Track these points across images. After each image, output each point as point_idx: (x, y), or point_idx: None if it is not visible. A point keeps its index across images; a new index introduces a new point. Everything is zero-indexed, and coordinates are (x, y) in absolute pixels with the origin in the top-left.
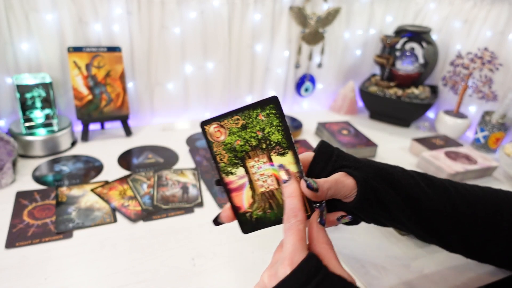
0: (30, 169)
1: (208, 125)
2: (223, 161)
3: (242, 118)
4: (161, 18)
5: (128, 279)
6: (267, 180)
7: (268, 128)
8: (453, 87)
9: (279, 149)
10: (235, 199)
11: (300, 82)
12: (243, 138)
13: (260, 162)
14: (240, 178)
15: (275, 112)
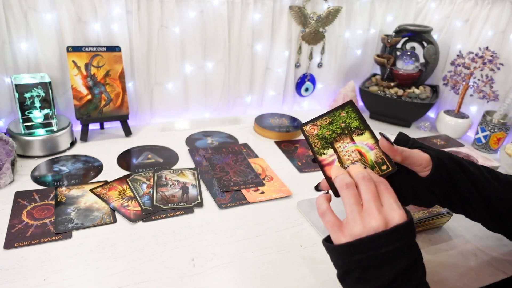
0: (29, 169)
1: (305, 126)
2: (317, 146)
3: (329, 118)
4: (160, 18)
5: (128, 280)
6: (351, 154)
7: (348, 120)
8: (454, 87)
9: (358, 131)
10: (327, 171)
11: (300, 82)
12: (330, 130)
13: (345, 143)
14: (330, 156)
15: (352, 109)
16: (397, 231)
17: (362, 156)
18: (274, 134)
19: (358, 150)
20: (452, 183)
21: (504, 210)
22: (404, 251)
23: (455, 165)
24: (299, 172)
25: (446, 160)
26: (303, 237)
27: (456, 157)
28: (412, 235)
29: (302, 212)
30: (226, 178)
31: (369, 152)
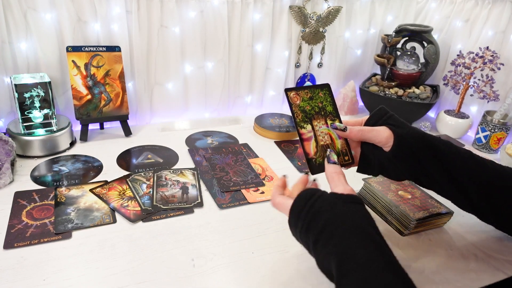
0: (29, 169)
1: (290, 92)
2: (298, 117)
3: (310, 92)
4: (160, 17)
5: (128, 280)
6: (324, 136)
7: (325, 102)
8: (454, 86)
9: (331, 116)
10: (306, 147)
11: (300, 82)
12: (310, 105)
13: (320, 123)
14: (309, 132)
15: (328, 93)
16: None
17: (332, 141)
18: (274, 134)
19: (330, 135)
20: (415, 160)
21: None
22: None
23: (420, 144)
24: (299, 172)
25: (411, 139)
26: None
27: (428, 136)
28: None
29: None
30: (226, 178)
31: (337, 140)
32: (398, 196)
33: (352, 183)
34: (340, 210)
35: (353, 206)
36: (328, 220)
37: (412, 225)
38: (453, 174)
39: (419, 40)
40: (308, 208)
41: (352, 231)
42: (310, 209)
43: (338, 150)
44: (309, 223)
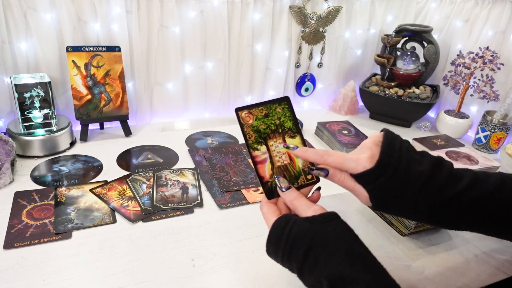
0: (29, 169)
1: (241, 111)
2: (251, 139)
3: (266, 109)
4: (160, 17)
5: (128, 280)
6: (282, 156)
7: (283, 117)
8: (454, 86)
9: (290, 133)
10: (259, 170)
11: (300, 82)
12: (265, 123)
13: (277, 142)
14: (263, 154)
15: (287, 107)
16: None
17: (291, 160)
18: None
19: (289, 154)
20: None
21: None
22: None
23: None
24: None
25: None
26: None
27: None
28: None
29: None
30: (226, 178)
31: (298, 158)
32: None
33: None
34: (319, 233)
35: (329, 224)
36: (309, 246)
37: (412, 225)
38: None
39: (419, 40)
40: (286, 236)
41: (335, 252)
42: (288, 237)
43: (298, 170)
44: (290, 251)
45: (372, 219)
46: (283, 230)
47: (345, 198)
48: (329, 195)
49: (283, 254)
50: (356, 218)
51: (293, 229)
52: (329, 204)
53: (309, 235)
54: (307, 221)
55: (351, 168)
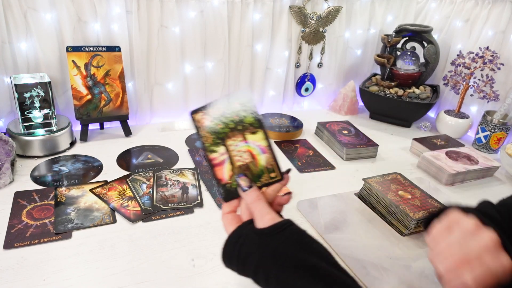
0: (29, 169)
1: (196, 114)
2: (208, 141)
3: (223, 107)
4: (160, 17)
5: (128, 280)
6: (243, 155)
7: (242, 112)
8: (454, 86)
9: (252, 129)
10: (217, 173)
11: (300, 82)
12: (223, 122)
13: (237, 140)
14: (221, 155)
15: (248, 100)
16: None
17: (253, 158)
18: (274, 134)
19: (250, 152)
20: None
21: None
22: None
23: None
24: (299, 172)
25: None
26: None
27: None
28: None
29: (302, 212)
30: None
31: (260, 155)
32: (398, 196)
33: (351, 182)
34: (268, 248)
35: (280, 236)
36: (259, 262)
37: (412, 225)
38: None
39: (419, 40)
40: (237, 253)
41: (285, 266)
42: (239, 254)
43: (261, 167)
44: (243, 268)
45: (372, 219)
46: (234, 247)
47: (345, 198)
48: (328, 195)
49: (238, 270)
50: (356, 218)
51: (243, 245)
52: (329, 204)
53: (259, 252)
54: (258, 234)
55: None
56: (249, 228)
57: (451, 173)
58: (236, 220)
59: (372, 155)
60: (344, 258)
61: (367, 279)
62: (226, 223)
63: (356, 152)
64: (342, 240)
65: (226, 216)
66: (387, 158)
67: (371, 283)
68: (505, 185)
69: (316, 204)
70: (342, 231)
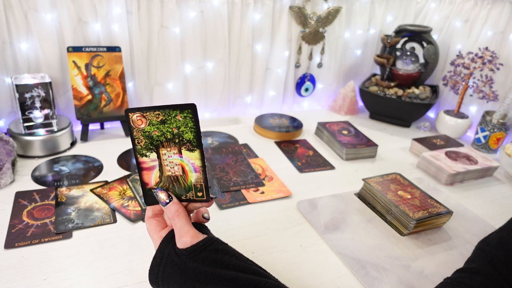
0: (30, 169)
1: (132, 113)
2: (140, 144)
3: (163, 114)
4: (160, 18)
5: (128, 280)
6: (174, 167)
7: (183, 127)
8: (454, 87)
9: (189, 146)
10: (144, 176)
11: (300, 82)
12: (160, 130)
13: (171, 152)
14: (152, 161)
15: (191, 116)
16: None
17: (184, 173)
18: (274, 134)
19: (182, 166)
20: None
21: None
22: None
23: None
24: (299, 172)
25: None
26: (303, 237)
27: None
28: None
29: (302, 212)
30: (226, 178)
31: (192, 172)
32: (397, 196)
33: (351, 182)
34: (189, 269)
35: (198, 257)
36: (181, 282)
37: (412, 225)
38: None
39: (418, 40)
40: (162, 274)
41: (206, 284)
42: (163, 276)
43: (190, 184)
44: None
45: (372, 219)
46: (159, 268)
47: (345, 198)
48: (328, 195)
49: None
50: (356, 218)
51: (166, 266)
52: (329, 204)
53: (180, 273)
54: (178, 255)
55: None
56: (169, 247)
57: (450, 173)
58: (161, 226)
59: (372, 155)
60: (344, 258)
61: (367, 279)
62: (149, 228)
63: (355, 152)
64: (342, 240)
65: (150, 221)
66: (387, 158)
67: (370, 283)
68: (504, 185)
69: (316, 204)
70: (342, 231)
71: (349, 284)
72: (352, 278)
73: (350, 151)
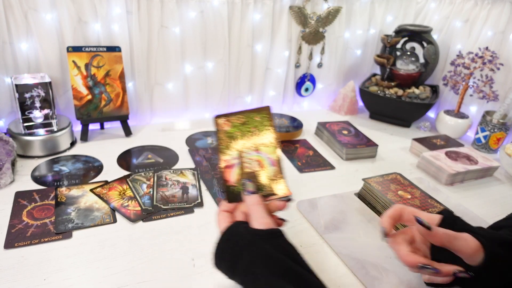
0: (29, 169)
1: (219, 118)
2: (223, 144)
3: (244, 117)
4: (160, 18)
5: (128, 280)
6: (252, 163)
7: (260, 126)
8: (454, 87)
9: (266, 142)
10: (226, 173)
11: (300, 82)
12: (242, 131)
13: (250, 149)
14: (233, 159)
15: (267, 117)
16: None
17: (261, 167)
18: None
19: (260, 162)
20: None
21: None
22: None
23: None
24: (299, 172)
25: (499, 249)
26: (303, 237)
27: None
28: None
29: (302, 212)
30: None
31: (269, 167)
32: (398, 196)
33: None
34: (261, 249)
35: (273, 242)
36: (250, 261)
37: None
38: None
39: (418, 40)
40: (230, 250)
41: (274, 270)
42: (232, 251)
43: (268, 178)
44: (233, 267)
45: (372, 219)
46: (227, 244)
47: (345, 198)
48: (328, 195)
49: (227, 270)
50: (356, 218)
51: (237, 243)
52: (329, 203)
53: (250, 250)
54: (251, 234)
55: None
56: (243, 227)
57: (450, 173)
58: (230, 219)
59: (372, 155)
60: (344, 258)
61: (367, 279)
62: (220, 219)
63: (355, 152)
64: (342, 240)
65: (222, 213)
66: (387, 158)
67: (371, 283)
68: (505, 185)
69: (316, 204)
70: (342, 231)
71: (349, 284)
72: (352, 278)
73: (350, 151)
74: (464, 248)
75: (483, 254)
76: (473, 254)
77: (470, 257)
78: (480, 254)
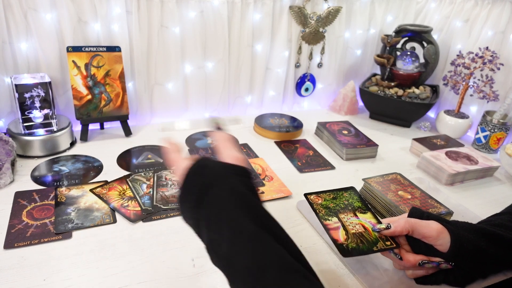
0: (29, 169)
1: (310, 195)
2: (321, 213)
3: (333, 194)
4: (160, 18)
5: (128, 280)
6: (355, 226)
7: (350, 199)
8: (454, 87)
9: (361, 210)
10: (333, 234)
11: (300, 82)
12: (334, 203)
13: (349, 215)
14: (335, 223)
15: (354, 193)
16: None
17: (366, 229)
18: (274, 134)
19: (362, 224)
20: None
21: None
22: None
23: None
24: (299, 172)
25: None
26: (303, 237)
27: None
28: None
29: (302, 212)
30: None
31: (371, 229)
32: (398, 196)
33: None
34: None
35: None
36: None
37: None
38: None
39: (419, 40)
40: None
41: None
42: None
43: (375, 237)
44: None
45: None
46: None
47: None
48: None
49: (193, 199)
50: None
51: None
52: None
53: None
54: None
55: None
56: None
57: (450, 173)
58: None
59: (372, 155)
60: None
61: (367, 279)
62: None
63: (356, 152)
64: None
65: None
66: (387, 158)
67: (371, 283)
68: (505, 185)
69: None
70: None
71: (349, 284)
72: (352, 278)
73: (350, 151)
74: (428, 232)
75: (449, 237)
76: (438, 236)
77: (437, 240)
78: (446, 236)
